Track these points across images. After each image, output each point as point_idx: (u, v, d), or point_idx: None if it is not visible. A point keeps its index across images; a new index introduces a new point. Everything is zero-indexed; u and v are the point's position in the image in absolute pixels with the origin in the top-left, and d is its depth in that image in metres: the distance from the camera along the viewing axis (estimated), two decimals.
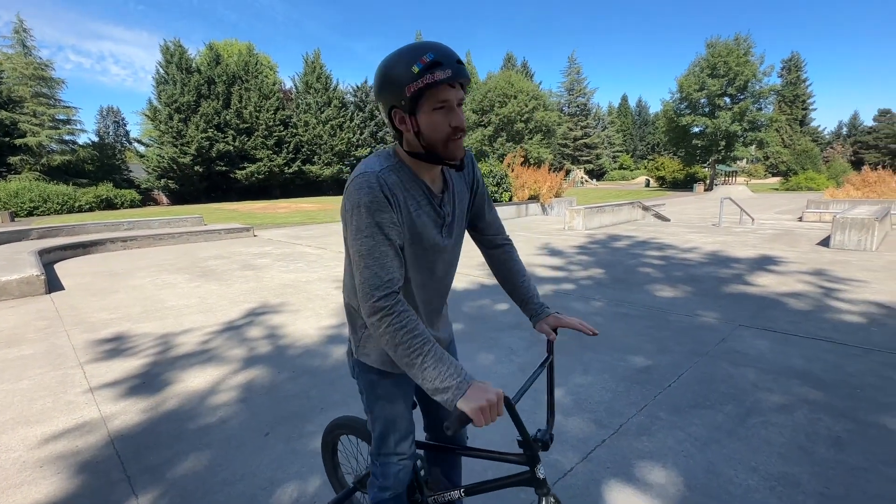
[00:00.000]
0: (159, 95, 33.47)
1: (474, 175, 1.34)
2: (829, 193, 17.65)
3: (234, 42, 49.67)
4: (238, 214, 20.75)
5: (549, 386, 1.28)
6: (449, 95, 1.03)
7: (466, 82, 1.07)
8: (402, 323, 1.01)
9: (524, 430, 1.13)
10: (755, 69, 37.50)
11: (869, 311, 4.50)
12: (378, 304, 1.03)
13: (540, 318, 1.36)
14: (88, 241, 9.78)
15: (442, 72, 0.99)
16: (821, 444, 2.39)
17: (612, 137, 70.26)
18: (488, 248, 1.46)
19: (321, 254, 8.99)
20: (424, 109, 1.04)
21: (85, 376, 3.45)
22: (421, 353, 0.99)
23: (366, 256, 1.05)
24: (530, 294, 1.40)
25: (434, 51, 1.00)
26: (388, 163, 1.13)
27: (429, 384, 0.97)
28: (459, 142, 1.09)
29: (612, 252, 8.48)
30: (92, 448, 2.51)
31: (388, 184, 1.08)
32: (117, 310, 5.25)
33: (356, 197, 1.06)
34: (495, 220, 1.44)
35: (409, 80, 1.00)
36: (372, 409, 1.36)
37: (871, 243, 7.93)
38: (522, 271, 1.44)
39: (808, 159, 43.83)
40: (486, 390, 0.93)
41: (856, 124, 73.53)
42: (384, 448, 1.36)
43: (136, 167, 37.26)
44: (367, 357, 1.31)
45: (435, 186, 1.21)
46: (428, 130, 1.06)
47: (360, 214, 1.06)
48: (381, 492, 1.38)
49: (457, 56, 1.04)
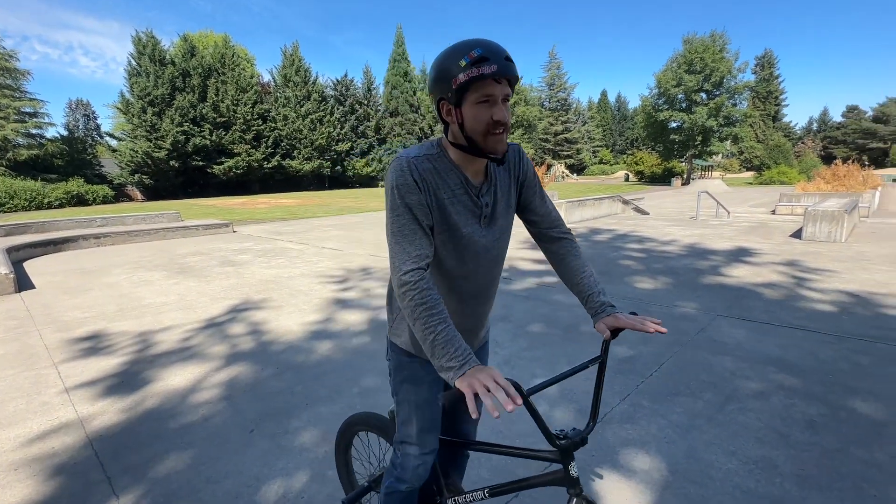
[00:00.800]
0: (132, 88, 32.48)
1: (521, 167, 1.32)
2: (801, 187, 18.16)
3: (210, 33, 48.44)
4: (216, 210, 20.35)
5: (597, 386, 1.21)
6: (494, 90, 1.06)
7: (514, 79, 1.09)
8: (423, 299, 1.06)
9: (542, 422, 1.06)
10: (730, 65, 38.30)
11: (840, 300, 4.66)
12: (404, 278, 1.08)
13: (600, 316, 1.26)
14: (59, 238, 9.47)
15: (487, 66, 1.03)
16: (796, 428, 2.47)
17: (592, 132, 71.01)
18: (545, 242, 1.42)
19: (303, 249, 8.88)
20: (469, 102, 1.07)
21: (60, 376, 3.35)
22: (434, 331, 1.03)
23: (396, 234, 1.12)
24: (591, 291, 1.30)
25: (482, 47, 1.04)
26: (427, 151, 1.18)
27: (436, 361, 1.01)
28: (501, 136, 1.11)
29: (593, 245, 8.59)
30: (69, 449, 2.44)
31: (418, 169, 1.13)
32: (92, 308, 5.10)
33: (390, 179, 1.13)
34: (550, 213, 1.40)
35: (456, 72, 1.05)
36: (398, 392, 1.38)
37: (840, 235, 8.21)
38: (583, 267, 1.35)
39: (780, 154, 45.07)
40: (483, 370, 0.93)
41: (825, 120, 75.85)
42: (406, 436, 1.36)
43: (109, 162, 36.12)
44: (398, 338, 1.35)
45: (475, 178, 1.22)
46: (471, 122, 1.09)
47: (393, 195, 1.12)
48: (398, 483, 1.37)
49: (505, 53, 1.06)
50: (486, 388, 0.88)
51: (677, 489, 2.03)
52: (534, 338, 3.89)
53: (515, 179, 1.32)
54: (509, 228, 1.33)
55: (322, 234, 11.02)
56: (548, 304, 4.83)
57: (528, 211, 1.38)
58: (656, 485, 2.07)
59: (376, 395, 2.96)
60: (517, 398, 0.85)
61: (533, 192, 1.36)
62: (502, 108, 1.08)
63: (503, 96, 1.08)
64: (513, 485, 1.25)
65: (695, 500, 1.97)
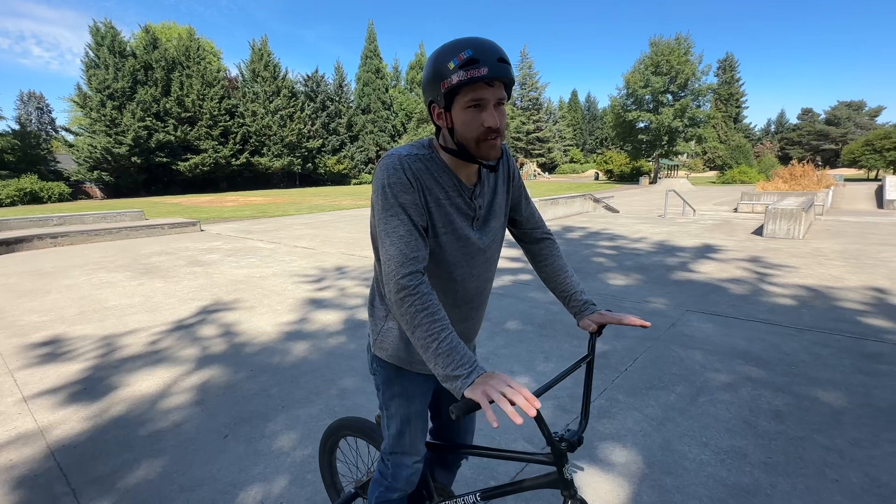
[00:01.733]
0: (89, 80, 31.06)
1: (510, 167, 1.30)
2: (761, 186, 18.96)
3: (173, 25, 46.76)
4: (182, 208, 19.68)
5: (586, 385, 1.20)
6: (484, 94, 1.00)
7: (509, 82, 1.04)
8: (424, 304, 1.00)
9: (545, 426, 1.05)
10: (694, 68, 39.63)
11: (799, 294, 4.89)
12: (402, 282, 1.02)
13: (583, 315, 1.28)
14: (12, 238, 8.96)
15: (476, 69, 0.97)
16: (763, 418, 2.57)
17: (562, 131, 72.13)
18: (528, 242, 1.42)
19: (275, 248, 8.69)
20: (459, 106, 1.02)
21: (16, 384, 3.17)
22: (437, 338, 0.97)
23: (391, 234, 1.05)
24: (573, 290, 1.32)
25: (473, 47, 0.98)
26: (418, 151, 1.12)
27: (440, 370, 0.95)
28: (494, 143, 1.05)
29: (566, 243, 8.73)
30: (29, 461, 2.31)
31: (412, 168, 1.08)
32: (50, 311, 4.85)
33: (382, 177, 1.07)
34: (534, 214, 1.40)
35: (445, 75, 1.00)
36: (388, 407, 1.32)
37: (798, 232, 8.61)
38: (565, 267, 1.37)
39: (741, 154, 46.89)
40: (494, 376, 0.90)
41: (782, 122, 79.38)
42: (399, 447, 1.33)
43: (65, 158, 34.43)
44: (383, 352, 1.29)
45: (469, 180, 1.18)
46: (461, 128, 1.04)
47: (386, 195, 1.06)
48: (389, 492, 1.35)
49: (499, 54, 1.00)
50: (501, 394, 0.84)
51: (653, 481, 2.09)
52: (510, 335, 3.92)
53: (507, 179, 1.29)
54: (503, 230, 1.31)
55: (294, 233, 10.81)
56: (523, 301, 4.88)
57: (515, 211, 1.36)
58: (633, 477, 2.11)
59: (355, 395, 2.92)
60: (536, 401, 0.83)
61: (520, 192, 1.35)
62: (494, 113, 1.03)
63: (496, 100, 1.03)
64: (506, 488, 1.23)
65: (670, 490, 2.02)
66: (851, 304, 4.52)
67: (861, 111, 64.16)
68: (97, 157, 30.90)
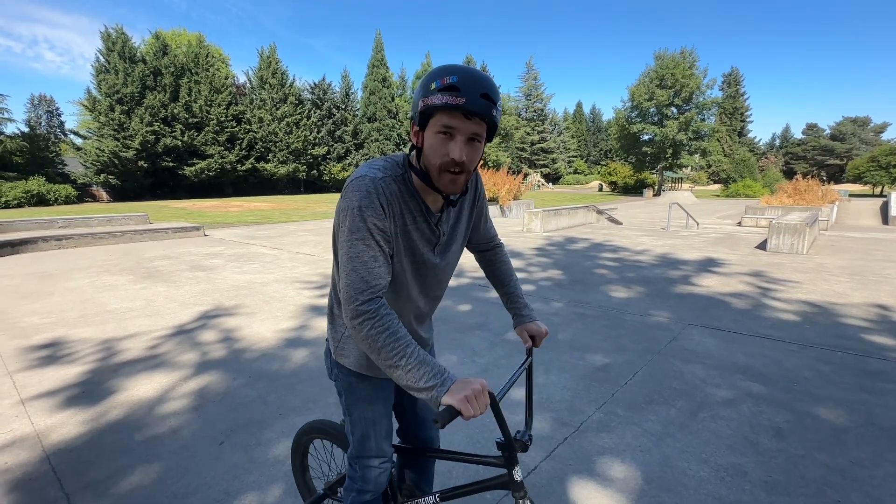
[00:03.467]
0: (99, 85, 31.40)
1: (477, 190, 1.31)
2: (765, 200, 18.90)
3: (183, 32, 47.38)
4: (187, 213, 19.78)
5: (527, 388, 1.29)
6: (457, 124, 0.98)
7: (490, 121, 1.00)
8: (385, 326, 1.00)
9: (506, 428, 1.10)
10: (699, 82, 39.79)
11: (802, 310, 4.85)
12: (361, 308, 1.01)
13: (521, 319, 1.38)
14: (17, 239, 9.02)
15: (453, 97, 0.95)
16: (764, 435, 2.54)
17: (567, 143, 72.32)
18: (481, 252, 1.50)
19: (277, 254, 8.71)
20: (432, 129, 1.01)
21: (15, 386, 3.17)
22: (404, 355, 0.97)
23: (354, 259, 1.03)
24: (514, 293, 1.43)
25: (460, 75, 0.96)
26: (393, 172, 1.10)
27: (413, 384, 0.96)
28: (456, 177, 1.03)
29: (569, 254, 8.72)
30: (24, 465, 2.31)
31: (386, 193, 1.06)
32: (51, 314, 4.87)
33: (353, 199, 1.04)
34: (490, 230, 1.47)
35: (425, 95, 0.99)
36: (351, 413, 1.34)
37: (802, 247, 8.57)
38: (510, 272, 1.46)
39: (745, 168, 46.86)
40: (468, 382, 0.94)
41: (787, 137, 79.42)
42: (365, 451, 1.35)
43: (73, 161, 34.74)
44: (345, 359, 1.29)
45: (435, 205, 1.17)
46: (428, 151, 1.04)
47: (354, 217, 1.03)
48: (361, 495, 1.37)
49: (484, 90, 0.97)
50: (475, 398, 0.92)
51: (652, 497, 2.06)
52: (511, 346, 3.90)
53: (472, 203, 1.31)
54: (460, 253, 1.34)
55: (297, 239, 10.83)
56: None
57: (475, 231, 1.42)
58: (632, 493, 2.09)
59: None
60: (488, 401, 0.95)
61: (482, 214, 1.39)
62: (462, 145, 1.00)
63: (470, 134, 1.00)
64: (462, 489, 1.29)
65: None
66: (854, 320, 4.48)
67: (866, 127, 64.15)
68: (104, 161, 31.14)
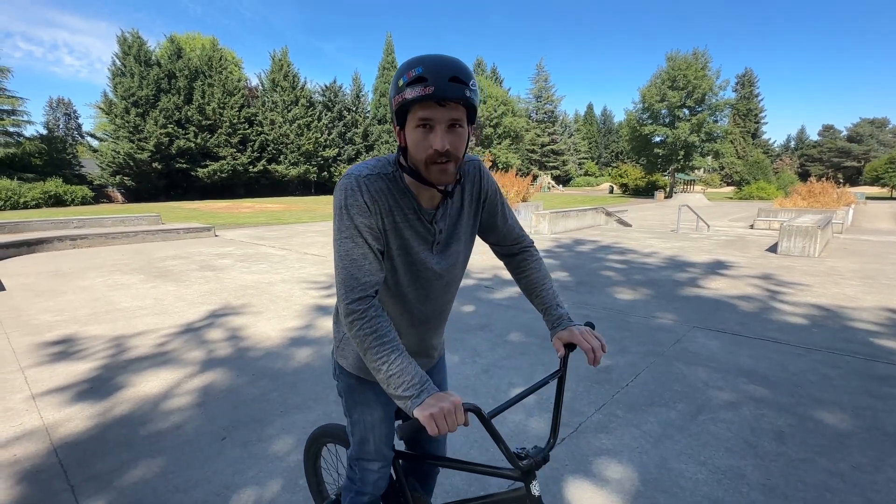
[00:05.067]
0: (115, 88, 32.00)
1: (482, 185, 1.23)
2: (779, 203, 18.60)
3: (197, 35, 48.07)
4: (199, 213, 20.06)
5: (556, 401, 1.16)
6: (433, 114, 0.96)
7: (467, 102, 0.97)
8: (373, 328, 1.00)
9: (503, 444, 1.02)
10: (712, 83, 39.33)
11: (810, 314, 4.78)
12: (351, 307, 1.02)
13: (555, 330, 1.25)
14: (33, 239, 9.23)
15: (423, 88, 0.93)
16: (764, 438, 2.52)
17: (577, 144, 71.97)
18: (506, 256, 1.39)
19: (285, 255, 8.80)
20: (410, 125, 0.99)
21: (26, 381, 3.26)
22: (387, 360, 0.97)
23: (344, 258, 1.04)
24: (550, 303, 1.28)
25: (425, 65, 0.94)
26: (382, 170, 1.08)
27: (392, 391, 0.96)
28: (445, 167, 1.00)
29: (576, 256, 8.69)
30: (32, 457, 2.37)
31: (371, 189, 1.04)
32: (64, 311, 4.98)
33: (339, 198, 1.05)
34: (512, 230, 1.34)
35: (396, 92, 0.98)
36: (351, 414, 1.34)
37: (814, 250, 8.44)
38: (543, 279, 1.32)
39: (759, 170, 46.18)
40: (442, 398, 0.91)
41: (802, 138, 78.19)
42: (364, 453, 1.34)
43: (89, 162, 35.41)
44: (344, 360, 1.30)
45: (430, 203, 1.13)
46: (412, 148, 1.01)
47: (342, 216, 1.04)
48: (359, 496, 1.36)
49: (452, 73, 0.94)
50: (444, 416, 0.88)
51: (647, 498, 2.06)
52: (513, 347, 3.91)
53: (476, 199, 1.24)
54: (466, 254, 1.27)
55: (306, 240, 10.93)
56: (528, 312, 4.86)
57: (490, 231, 1.33)
58: (627, 494, 2.09)
59: None
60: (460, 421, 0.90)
61: (494, 210, 1.29)
62: (443, 135, 0.97)
63: (448, 121, 0.97)
64: (474, 502, 1.24)
65: None
66: (864, 324, 4.41)
67: (884, 128, 62.95)
68: (120, 163, 31.71)
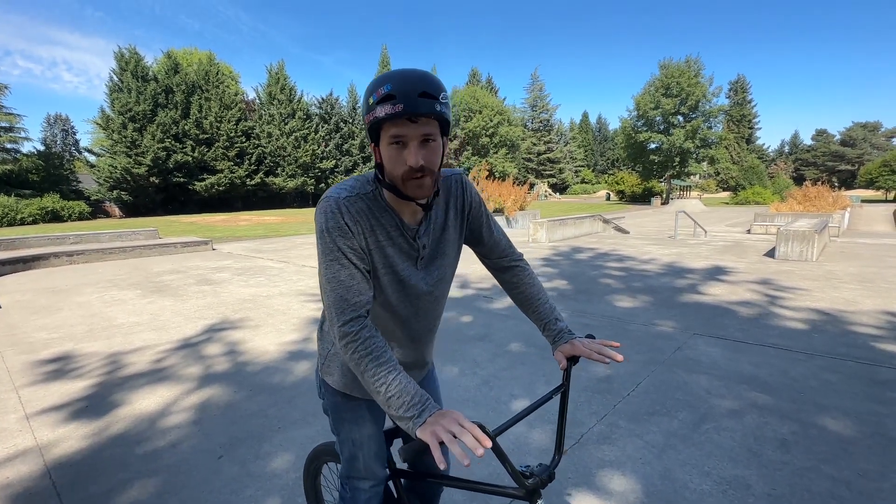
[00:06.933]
0: (112, 103, 32.14)
1: (465, 198, 1.24)
2: (775, 207, 18.70)
3: (194, 51, 48.41)
4: (196, 227, 20.04)
5: (560, 417, 1.14)
6: (404, 131, 0.96)
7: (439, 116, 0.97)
8: (367, 349, 0.99)
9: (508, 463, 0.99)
10: (705, 90, 39.74)
11: (810, 318, 4.77)
12: (344, 329, 1.00)
13: (556, 345, 1.24)
14: (29, 255, 9.19)
15: (391, 106, 0.93)
16: (768, 447, 2.49)
17: (574, 152, 72.39)
18: (497, 271, 1.37)
19: (283, 268, 8.78)
20: (384, 142, 0.99)
21: (20, 401, 3.21)
22: (385, 382, 0.96)
23: (332, 280, 1.03)
24: (548, 319, 1.27)
25: (393, 82, 0.94)
26: (361, 189, 1.08)
27: (392, 412, 0.94)
28: (421, 181, 1.00)
29: (574, 264, 8.68)
30: (25, 479, 2.33)
31: (351, 211, 1.04)
32: (60, 329, 4.93)
33: (320, 221, 1.04)
34: (499, 242, 1.33)
35: (367, 111, 0.98)
36: (339, 432, 1.32)
37: (811, 254, 8.45)
38: (538, 293, 1.31)
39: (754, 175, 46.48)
40: (445, 415, 0.88)
41: (796, 143, 78.84)
42: (353, 471, 1.32)
43: (86, 178, 35.45)
44: (330, 377, 1.29)
45: (412, 218, 1.13)
46: (388, 164, 1.01)
47: (325, 239, 1.03)
48: None
49: (423, 89, 0.94)
50: (451, 434, 0.83)
51: None
52: (513, 357, 3.88)
53: (460, 212, 1.24)
54: (452, 268, 1.26)
55: (304, 252, 10.91)
56: (527, 322, 4.84)
57: (476, 243, 1.32)
58: None
59: None
60: (486, 440, 0.81)
61: (479, 223, 1.29)
62: (416, 150, 0.97)
63: (421, 137, 0.97)
64: None
65: None
66: (864, 328, 4.40)
67: (877, 132, 63.52)
68: (117, 177, 31.73)
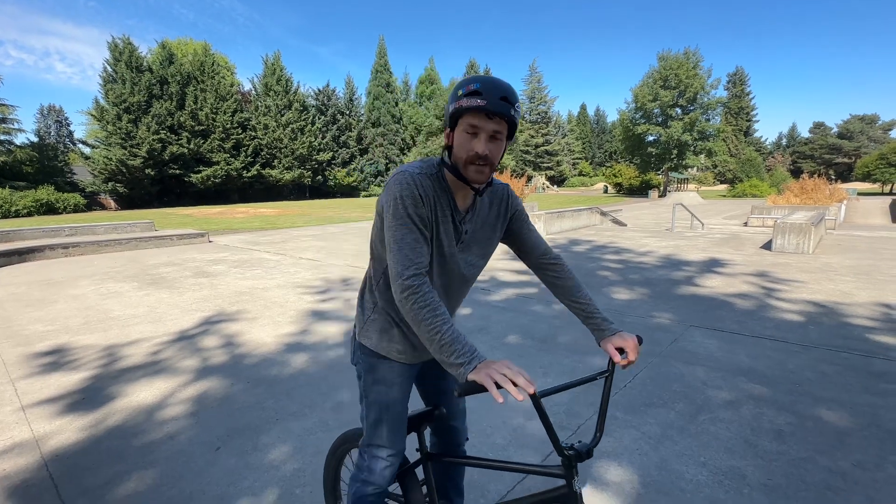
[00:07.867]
0: (107, 94, 31.84)
1: (510, 206, 1.41)
2: (772, 200, 18.70)
3: (189, 41, 47.91)
4: (192, 219, 19.94)
5: (603, 399, 1.21)
6: (481, 123, 1.12)
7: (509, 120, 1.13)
8: (427, 301, 1.10)
9: (552, 429, 1.07)
10: (703, 82, 39.56)
11: (806, 310, 4.79)
12: (406, 283, 1.12)
13: (604, 335, 1.34)
14: (24, 248, 9.13)
15: (476, 100, 1.10)
16: (764, 438, 2.51)
17: (571, 145, 72.22)
18: (539, 268, 1.50)
19: (280, 260, 8.75)
20: (460, 128, 1.16)
21: (16, 393, 3.20)
22: (440, 330, 1.07)
23: (399, 241, 1.15)
24: (590, 310, 1.39)
25: (482, 82, 1.11)
26: (428, 170, 1.24)
27: (445, 359, 1.05)
28: (482, 168, 1.16)
29: (572, 256, 8.68)
30: (22, 471, 2.32)
31: (422, 185, 1.19)
32: (55, 321, 4.91)
33: (396, 190, 1.17)
34: (539, 244, 1.48)
35: (453, 100, 1.15)
36: (367, 394, 1.40)
37: (808, 246, 8.48)
38: (578, 286, 1.45)
39: (752, 168, 46.55)
40: (495, 362, 0.99)
41: (794, 136, 78.85)
42: (376, 438, 1.40)
43: (81, 169, 35.19)
44: (367, 340, 1.38)
45: (462, 204, 1.29)
46: (457, 148, 1.17)
47: (398, 205, 1.16)
48: (364, 486, 1.39)
49: (503, 94, 1.11)
50: (503, 375, 0.95)
51: (648, 501, 2.03)
52: (511, 349, 3.88)
53: (504, 215, 1.41)
54: (485, 258, 1.42)
55: (301, 245, 10.88)
56: (526, 315, 4.84)
57: (521, 244, 1.47)
58: (628, 497, 2.06)
59: (350, 409, 2.90)
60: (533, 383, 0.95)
61: (522, 225, 1.45)
62: (485, 141, 1.14)
63: (492, 132, 1.13)
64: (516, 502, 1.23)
65: None
66: (860, 320, 4.42)
67: (874, 125, 63.53)
68: (112, 169, 31.51)
